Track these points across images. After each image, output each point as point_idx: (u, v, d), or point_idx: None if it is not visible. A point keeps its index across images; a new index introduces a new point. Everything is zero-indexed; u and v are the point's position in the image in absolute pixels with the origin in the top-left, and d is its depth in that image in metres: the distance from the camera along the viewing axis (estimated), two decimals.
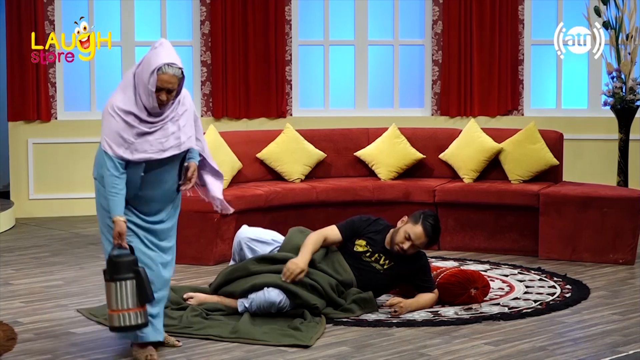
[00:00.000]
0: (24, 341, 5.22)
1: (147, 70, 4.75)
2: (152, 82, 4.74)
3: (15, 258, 7.71)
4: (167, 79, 4.75)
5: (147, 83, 4.74)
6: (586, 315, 5.89)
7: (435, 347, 5.18)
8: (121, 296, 4.73)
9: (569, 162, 9.23)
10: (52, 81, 9.85)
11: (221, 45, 10.02)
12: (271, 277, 5.67)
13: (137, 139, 4.80)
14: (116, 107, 4.80)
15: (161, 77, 4.74)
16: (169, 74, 4.75)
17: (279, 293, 5.61)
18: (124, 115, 4.79)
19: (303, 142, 8.40)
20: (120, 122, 4.78)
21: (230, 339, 5.27)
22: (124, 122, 4.78)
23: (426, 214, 5.88)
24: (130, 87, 4.84)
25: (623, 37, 9.02)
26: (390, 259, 5.88)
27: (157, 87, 4.75)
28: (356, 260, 5.87)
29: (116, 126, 4.78)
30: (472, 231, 7.94)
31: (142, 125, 4.80)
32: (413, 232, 5.79)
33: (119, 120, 4.78)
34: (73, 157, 9.92)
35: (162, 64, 4.73)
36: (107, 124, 4.81)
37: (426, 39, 10.36)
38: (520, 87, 10.29)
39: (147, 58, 4.81)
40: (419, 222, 5.81)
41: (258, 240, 5.99)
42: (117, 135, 4.78)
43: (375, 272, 5.89)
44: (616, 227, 7.43)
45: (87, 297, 6.34)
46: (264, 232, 6.09)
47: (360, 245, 5.90)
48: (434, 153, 8.48)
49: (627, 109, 8.93)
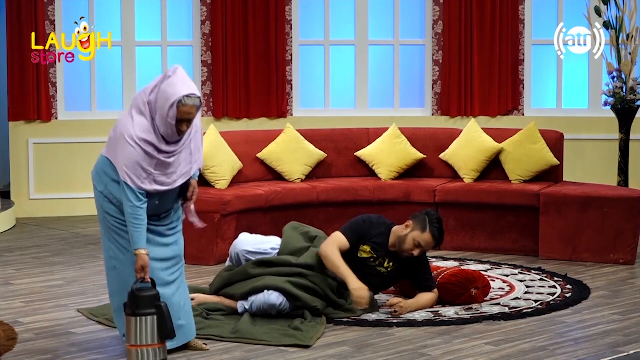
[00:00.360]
0: (24, 341, 5.22)
1: (165, 103, 4.66)
2: (172, 115, 4.66)
3: (15, 258, 7.71)
4: (187, 110, 4.67)
5: (167, 116, 4.66)
6: (586, 315, 5.89)
7: (435, 347, 5.18)
8: (141, 331, 4.68)
9: (569, 162, 9.23)
10: (53, 81, 9.85)
11: (221, 45, 10.02)
12: (271, 279, 5.66)
13: (155, 170, 4.73)
14: (136, 136, 4.69)
15: (181, 109, 4.66)
16: (188, 105, 4.67)
17: (278, 296, 5.60)
18: (143, 145, 4.69)
19: (303, 141, 8.40)
20: (140, 152, 4.69)
21: (231, 339, 5.26)
22: (144, 152, 4.69)
23: (431, 219, 5.80)
24: (145, 114, 4.73)
25: (623, 37, 9.01)
26: (394, 261, 5.87)
27: (177, 119, 4.68)
28: (360, 265, 5.84)
29: (136, 156, 4.68)
30: (472, 231, 7.94)
31: (160, 155, 4.73)
32: (422, 239, 5.77)
33: (138, 151, 4.68)
34: (73, 157, 9.92)
35: (181, 96, 4.65)
36: (126, 153, 4.69)
37: (426, 38, 10.36)
38: (520, 87, 10.29)
39: (163, 89, 4.70)
40: (427, 229, 5.76)
41: (256, 252, 5.92)
42: (137, 165, 4.69)
43: (379, 275, 5.88)
44: (616, 227, 7.43)
45: (87, 296, 6.34)
46: (262, 242, 6.00)
47: (365, 250, 5.87)
48: (434, 153, 8.47)
49: (627, 109, 8.92)
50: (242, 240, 5.97)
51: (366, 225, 5.90)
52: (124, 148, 4.70)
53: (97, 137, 9.88)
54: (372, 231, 5.88)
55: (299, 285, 5.65)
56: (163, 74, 4.79)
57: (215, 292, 5.89)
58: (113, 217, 4.86)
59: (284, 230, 6.11)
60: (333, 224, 7.97)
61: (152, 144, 4.70)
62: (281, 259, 5.82)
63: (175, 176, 4.83)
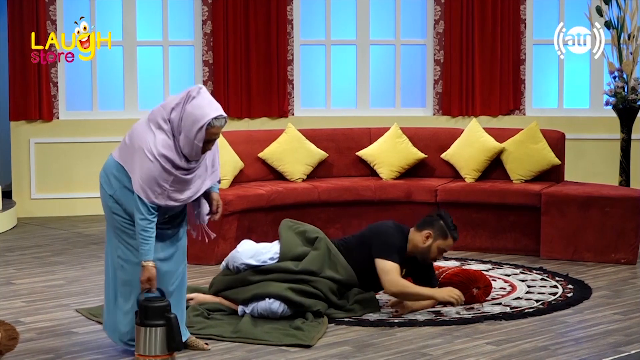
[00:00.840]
0: (26, 341, 5.23)
1: (194, 125, 4.64)
2: (200, 138, 4.66)
3: (17, 258, 7.71)
4: (215, 131, 4.69)
5: (194, 138, 4.65)
6: (588, 315, 5.89)
7: (436, 346, 5.18)
8: (149, 342, 4.68)
9: (571, 162, 9.22)
10: (54, 81, 9.86)
11: (223, 44, 10.02)
12: (273, 286, 5.63)
13: (171, 187, 4.73)
14: (157, 151, 4.68)
15: (210, 131, 4.67)
16: (217, 127, 4.69)
17: (280, 304, 5.59)
18: (163, 162, 4.68)
19: (305, 141, 8.40)
20: (158, 168, 4.68)
21: (232, 339, 5.26)
22: (163, 168, 4.69)
23: (447, 223, 5.86)
24: (166, 132, 4.72)
25: (625, 37, 9.01)
26: (408, 266, 5.89)
27: (205, 140, 4.69)
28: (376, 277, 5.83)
29: (154, 172, 4.68)
30: (474, 231, 7.93)
31: (178, 172, 4.72)
32: (446, 245, 5.89)
33: (157, 167, 4.68)
34: (75, 157, 9.92)
35: (210, 119, 4.65)
36: (144, 168, 4.69)
37: (428, 38, 10.35)
38: (522, 87, 10.29)
39: (190, 111, 4.67)
40: (448, 236, 5.86)
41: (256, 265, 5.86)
42: (154, 181, 4.69)
43: None
44: (618, 227, 7.42)
45: (89, 296, 6.34)
46: (261, 252, 5.90)
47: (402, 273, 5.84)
48: (436, 153, 8.47)
49: (629, 109, 8.92)
50: (240, 252, 5.89)
51: (397, 238, 5.83)
52: (142, 162, 4.69)
53: (99, 137, 9.89)
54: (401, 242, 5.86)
55: (300, 291, 5.63)
56: (186, 92, 4.75)
57: (215, 294, 5.88)
58: (122, 217, 4.87)
59: (280, 232, 6.04)
60: (335, 224, 7.99)
61: (171, 160, 4.70)
62: (281, 267, 5.79)
63: (190, 192, 4.83)
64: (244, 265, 5.82)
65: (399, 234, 5.87)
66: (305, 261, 5.80)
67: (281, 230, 6.05)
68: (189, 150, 4.71)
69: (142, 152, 4.69)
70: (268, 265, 5.80)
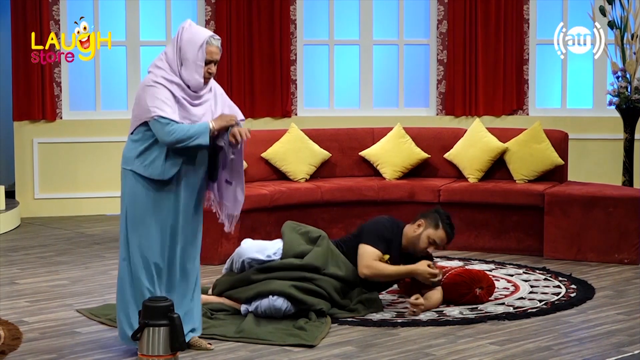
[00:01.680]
0: (29, 340, 5.23)
1: (194, 46, 4.84)
2: (201, 57, 4.84)
3: (20, 257, 7.72)
4: (214, 50, 4.88)
5: (196, 58, 4.83)
6: (591, 315, 5.89)
7: (440, 346, 5.18)
8: (153, 341, 4.68)
9: (574, 162, 9.22)
10: (57, 81, 9.86)
11: (226, 44, 10.01)
12: (276, 284, 5.64)
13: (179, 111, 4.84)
14: (160, 77, 4.83)
15: (209, 49, 4.87)
16: (215, 45, 4.89)
17: (283, 301, 5.60)
18: (168, 85, 4.83)
19: (308, 141, 8.40)
20: (164, 89, 4.81)
21: (235, 339, 5.27)
22: (169, 90, 4.82)
23: (442, 216, 5.91)
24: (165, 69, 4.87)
25: (628, 37, 9.01)
26: (405, 262, 5.88)
27: (206, 60, 4.85)
28: None
29: (161, 93, 4.80)
30: (477, 231, 7.93)
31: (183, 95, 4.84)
32: (437, 236, 5.86)
33: (162, 89, 4.81)
34: (78, 157, 9.93)
35: (207, 36, 4.87)
36: (151, 94, 4.81)
37: (431, 38, 10.35)
38: (525, 87, 10.28)
39: (186, 38, 4.86)
40: (440, 227, 5.86)
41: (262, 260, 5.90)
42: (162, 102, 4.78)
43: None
44: (621, 227, 7.42)
45: (92, 296, 6.35)
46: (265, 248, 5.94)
47: (384, 258, 5.89)
48: (439, 153, 8.47)
49: (632, 109, 8.92)
50: (245, 248, 5.91)
51: (388, 230, 5.91)
52: (146, 92, 4.82)
53: (102, 136, 9.90)
54: (393, 236, 5.92)
55: (303, 289, 5.64)
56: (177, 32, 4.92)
57: (219, 294, 5.88)
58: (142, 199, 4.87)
59: (283, 232, 6.06)
60: (338, 224, 7.99)
61: (176, 83, 4.84)
62: (285, 263, 5.80)
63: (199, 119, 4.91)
64: (250, 259, 5.84)
65: (391, 226, 5.93)
66: (309, 257, 5.82)
67: (284, 230, 6.06)
68: (191, 76, 4.85)
69: (147, 87, 4.83)
70: (272, 263, 5.81)
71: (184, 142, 4.78)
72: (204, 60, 4.85)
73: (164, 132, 4.76)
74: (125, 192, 4.94)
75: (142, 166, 4.88)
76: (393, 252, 5.87)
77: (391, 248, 5.88)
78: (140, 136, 4.88)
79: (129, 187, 4.91)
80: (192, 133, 4.78)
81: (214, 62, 4.90)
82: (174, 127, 4.76)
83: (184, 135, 4.77)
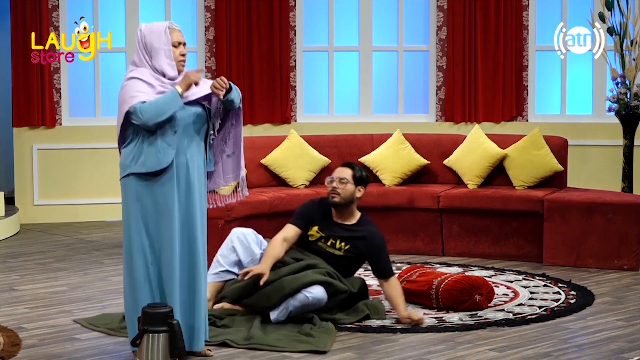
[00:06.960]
0: (28, 347, 5.23)
1: (157, 35, 4.99)
2: (166, 40, 4.98)
3: (19, 264, 7.72)
4: (177, 33, 5.03)
5: (162, 43, 4.96)
6: (591, 321, 5.88)
7: (439, 353, 5.18)
8: (152, 349, 4.67)
9: (574, 168, 9.22)
10: (57, 87, 9.87)
11: (226, 51, 10.03)
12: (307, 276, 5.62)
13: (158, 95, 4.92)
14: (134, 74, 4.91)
15: (173, 34, 5.00)
16: (175, 29, 5.04)
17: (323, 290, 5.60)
18: (140, 76, 4.91)
19: (307, 147, 8.41)
20: (134, 82, 4.89)
21: (246, 346, 5.24)
22: (140, 80, 4.89)
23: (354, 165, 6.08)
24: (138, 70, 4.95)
25: (627, 43, 9.01)
26: (346, 241, 5.89)
27: (173, 43, 4.98)
28: (315, 251, 5.90)
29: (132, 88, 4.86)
30: (476, 237, 7.93)
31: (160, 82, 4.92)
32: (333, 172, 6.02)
33: (132, 83, 4.89)
34: (78, 163, 9.94)
35: (167, 23, 5.04)
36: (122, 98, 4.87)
37: (430, 44, 10.36)
38: (524, 93, 10.29)
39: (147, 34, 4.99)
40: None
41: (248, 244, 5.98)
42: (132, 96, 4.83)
43: (335, 257, 5.89)
44: (621, 233, 7.42)
45: (91, 302, 6.34)
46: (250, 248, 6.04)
47: (313, 231, 5.95)
48: (439, 159, 8.47)
49: (631, 115, 8.92)
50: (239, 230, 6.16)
51: (313, 205, 6.03)
52: (121, 97, 4.90)
53: (102, 143, 9.90)
54: (320, 210, 5.99)
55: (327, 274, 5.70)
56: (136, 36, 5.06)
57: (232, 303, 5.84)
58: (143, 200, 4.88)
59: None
60: None
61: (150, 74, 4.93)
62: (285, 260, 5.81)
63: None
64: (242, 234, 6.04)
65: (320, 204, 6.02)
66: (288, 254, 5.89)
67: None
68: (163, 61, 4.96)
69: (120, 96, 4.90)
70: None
71: (160, 115, 4.83)
72: (170, 42, 4.98)
73: (139, 116, 4.82)
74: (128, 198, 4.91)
75: (139, 164, 4.87)
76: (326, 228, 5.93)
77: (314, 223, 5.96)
78: (127, 141, 4.93)
79: (132, 191, 4.89)
80: (161, 103, 4.85)
81: (182, 43, 5.04)
82: (144, 106, 4.83)
83: (155, 109, 4.83)
